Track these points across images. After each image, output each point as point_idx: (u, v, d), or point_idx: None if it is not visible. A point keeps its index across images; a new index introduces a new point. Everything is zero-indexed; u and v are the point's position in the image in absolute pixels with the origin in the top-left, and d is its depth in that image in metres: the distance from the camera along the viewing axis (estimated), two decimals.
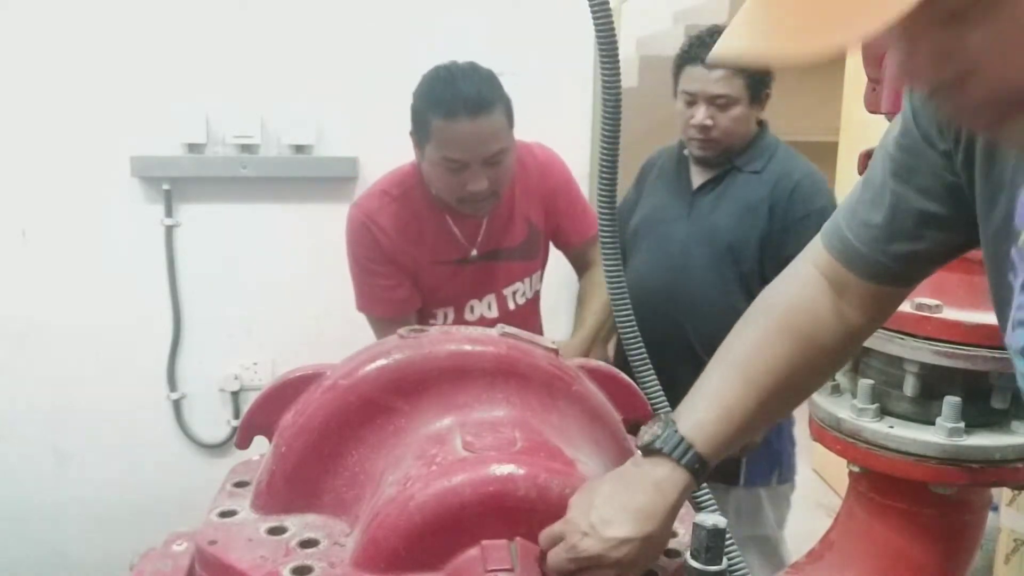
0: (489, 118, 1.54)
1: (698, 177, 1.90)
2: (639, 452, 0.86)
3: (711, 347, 1.75)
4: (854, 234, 0.83)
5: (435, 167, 1.60)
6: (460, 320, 1.77)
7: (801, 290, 0.88)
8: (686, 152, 1.93)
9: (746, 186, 1.84)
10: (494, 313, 1.79)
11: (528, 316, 1.84)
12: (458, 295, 1.77)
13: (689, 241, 1.87)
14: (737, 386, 0.85)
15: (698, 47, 1.80)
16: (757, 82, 1.79)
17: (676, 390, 1.83)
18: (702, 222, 1.87)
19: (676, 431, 0.82)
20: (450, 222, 1.71)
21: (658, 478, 0.81)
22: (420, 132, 1.60)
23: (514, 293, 1.81)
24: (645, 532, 0.79)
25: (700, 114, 1.79)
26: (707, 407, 0.85)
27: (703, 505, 0.97)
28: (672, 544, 0.91)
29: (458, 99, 1.53)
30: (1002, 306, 0.73)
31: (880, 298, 0.86)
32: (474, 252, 1.74)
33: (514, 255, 1.78)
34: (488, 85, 1.58)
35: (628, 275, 1.92)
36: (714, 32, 1.83)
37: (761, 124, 1.90)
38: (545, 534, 0.81)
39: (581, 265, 1.92)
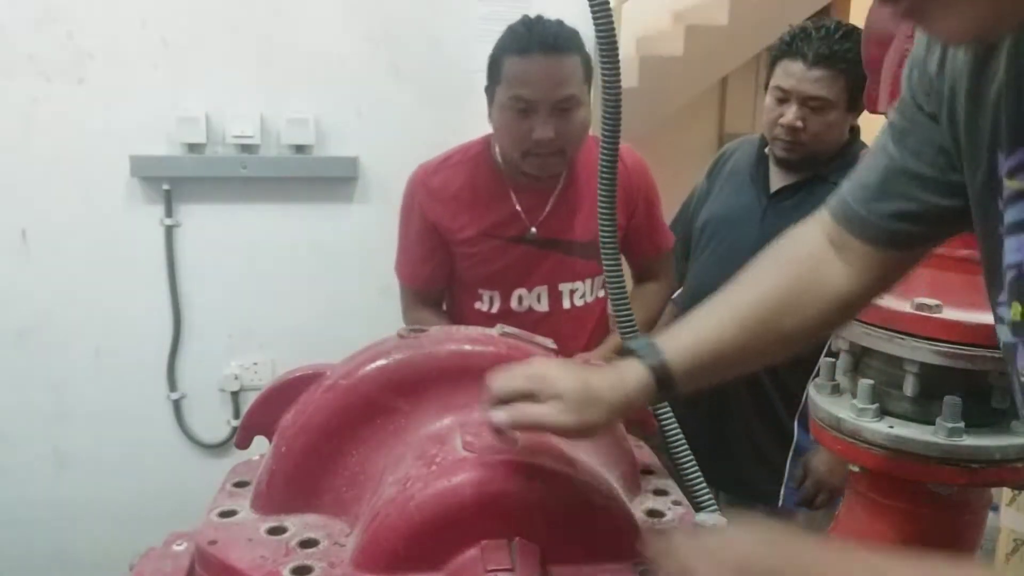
0: (562, 59, 1.51)
1: (777, 180, 1.76)
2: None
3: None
4: (852, 196, 0.87)
5: (503, 112, 1.56)
6: (506, 307, 1.69)
7: (802, 241, 0.93)
8: (767, 151, 1.78)
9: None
10: (544, 307, 1.69)
11: (587, 320, 1.74)
12: (506, 277, 1.69)
13: (760, 248, 1.76)
14: (720, 312, 0.90)
15: (801, 40, 1.62)
16: (859, 87, 1.48)
17: (729, 403, 1.80)
18: (776, 229, 1.73)
19: (652, 341, 0.88)
20: (512, 195, 1.65)
21: (622, 367, 0.86)
22: (493, 75, 1.58)
23: (572, 292, 1.71)
24: (586, 386, 0.82)
25: (791, 114, 1.64)
26: (686, 327, 0.90)
27: (703, 505, 0.97)
28: None
29: (534, 37, 1.51)
30: (992, 270, 0.74)
31: (876, 264, 0.87)
32: (533, 231, 1.66)
33: (578, 251, 1.68)
34: (568, 35, 1.55)
35: (691, 276, 1.90)
36: (820, 26, 1.64)
37: (853, 131, 1.73)
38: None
39: (644, 276, 1.84)
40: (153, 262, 2.18)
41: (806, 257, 0.92)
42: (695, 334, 0.89)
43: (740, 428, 1.78)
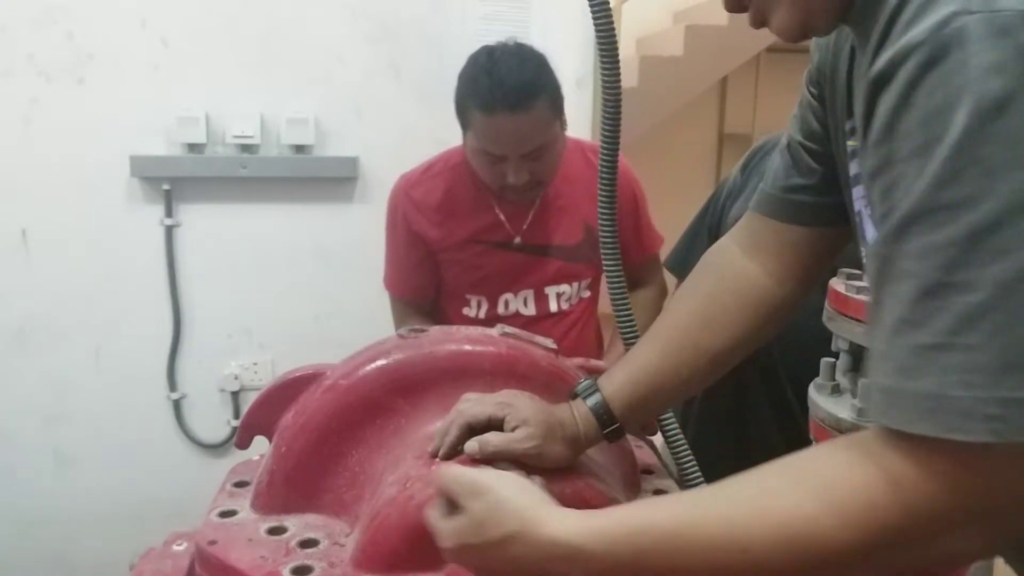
0: (529, 113, 1.46)
1: None
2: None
3: (795, 371, 1.68)
4: (765, 183, 0.93)
5: (475, 156, 1.56)
6: (493, 313, 1.69)
7: (711, 256, 0.98)
8: None
9: None
10: (531, 311, 1.70)
11: (573, 322, 1.73)
12: (493, 282, 1.69)
13: None
14: (647, 341, 0.95)
15: None
16: None
17: (751, 411, 1.77)
18: None
19: (594, 380, 0.94)
20: (495, 206, 1.65)
21: (574, 407, 0.92)
22: (461, 118, 1.55)
23: (559, 295, 1.71)
24: (550, 417, 0.87)
25: None
26: (623, 361, 0.95)
27: None
28: None
29: (496, 92, 1.44)
30: (855, 225, 0.80)
31: (788, 250, 0.91)
32: (517, 240, 1.66)
33: (563, 255, 1.69)
34: (534, 74, 1.48)
35: None
36: None
37: None
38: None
39: (634, 283, 1.77)
40: (153, 262, 2.18)
41: (714, 270, 0.96)
42: (629, 368, 0.93)
43: (759, 434, 1.77)
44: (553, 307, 1.71)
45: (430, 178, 1.69)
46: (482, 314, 1.70)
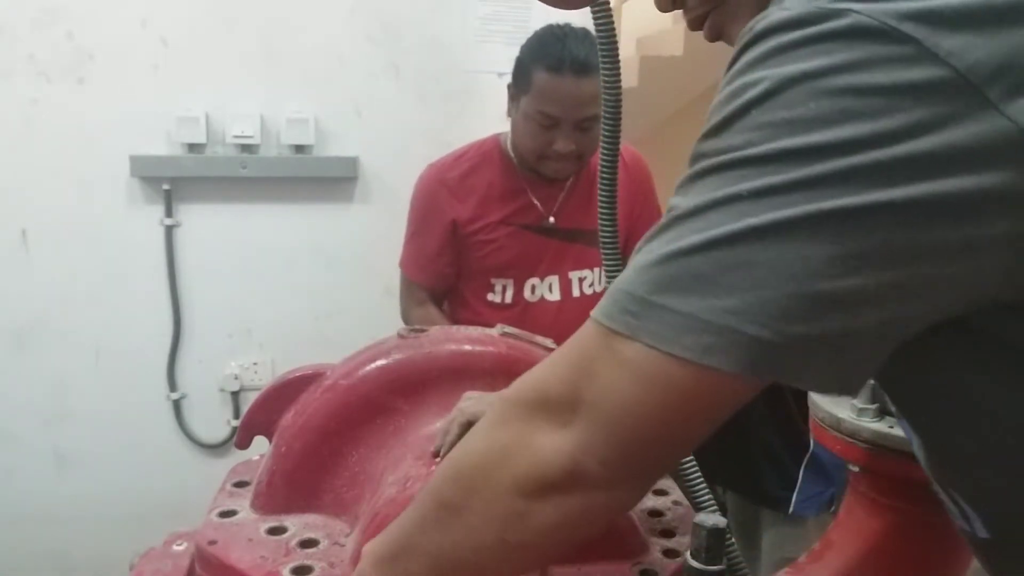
0: (591, 82, 1.54)
1: None
2: None
3: None
4: None
5: (527, 120, 1.61)
6: (519, 298, 1.73)
7: None
8: None
9: None
10: (556, 296, 1.74)
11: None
12: (520, 265, 1.72)
13: None
14: None
15: None
16: None
17: (749, 411, 1.75)
18: None
19: None
20: (527, 190, 1.71)
21: None
22: (520, 82, 1.62)
23: (582, 280, 1.76)
24: None
25: None
26: None
27: (703, 505, 0.97)
28: (671, 544, 0.91)
29: (566, 56, 1.55)
30: None
31: None
32: (551, 220, 1.71)
33: (589, 240, 1.72)
34: (596, 52, 1.58)
35: None
36: None
37: None
38: None
39: None
40: (153, 262, 2.18)
41: None
42: None
43: (757, 434, 1.76)
44: (576, 293, 1.75)
45: (464, 163, 1.73)
46: (508, 299, 1.73)
